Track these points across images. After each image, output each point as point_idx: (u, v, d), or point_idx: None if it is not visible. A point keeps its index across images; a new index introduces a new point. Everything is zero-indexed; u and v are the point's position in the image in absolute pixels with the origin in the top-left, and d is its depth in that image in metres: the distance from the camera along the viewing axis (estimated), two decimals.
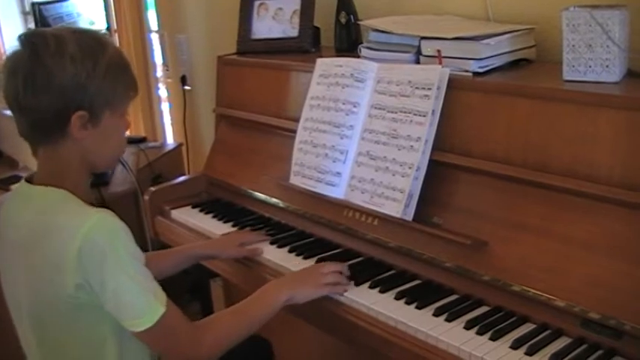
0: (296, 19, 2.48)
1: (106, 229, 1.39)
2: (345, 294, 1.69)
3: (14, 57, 1.43)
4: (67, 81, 1.40)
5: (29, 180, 1.53)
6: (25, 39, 1.43)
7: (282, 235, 2.08)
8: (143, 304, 1.41)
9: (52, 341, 1.50)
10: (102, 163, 1.57)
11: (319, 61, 2.08)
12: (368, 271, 1.78)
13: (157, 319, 1.40)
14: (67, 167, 1.48)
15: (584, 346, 1.41)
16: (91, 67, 1.41)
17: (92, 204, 1.49)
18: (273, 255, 1.95)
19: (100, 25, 4.02)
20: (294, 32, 2.48)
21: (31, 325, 1.50)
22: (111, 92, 1.46)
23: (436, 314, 1.57)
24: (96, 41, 1.46)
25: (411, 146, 1.76)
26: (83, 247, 1.36)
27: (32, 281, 1.46)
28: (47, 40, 1.41)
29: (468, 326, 1.51)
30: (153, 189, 2.48)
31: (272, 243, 2.02)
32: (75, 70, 1.40)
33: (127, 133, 1.68)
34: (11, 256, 1.52)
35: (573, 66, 1.63)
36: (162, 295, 1.44)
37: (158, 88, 3.91)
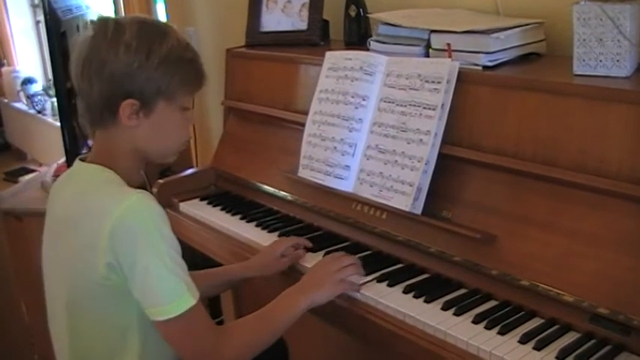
0: (305, 12, 2.47)
1: (141, 210, 1.40)
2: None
3: (80, 42, 1.46)
4: (118, 69, 1.41)
5: (83, 160, 1.55)
6: (91, 25, 1.47)
7: (291, 228, 2.08)
8: (172, 291, 1.39)
9: (80, 323, 1.50)
10: (156, 153, 1.55)
11: (328, 54, 2.08)
12: (376, 265, 1.78)
13: (183, 310, 1.38)
14: (118, 153, 1.50)
15: (592, 342, 1.41)
16: (144, 57, 1.42)
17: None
18: None
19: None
20: (303, 25, 2.48)
21: (63, 302, 1.50)
22: (165, 83, 1.45)
23: (444, 308, 1.57)
24: (157, 31, 1.47)
25: (421, 140, 1.76)
26: (116, 226, 1.36)
27: (68, 259, 1.47)
28: (107, 26, 1.44)
29: (477, 320, 1.51)
30: (161, 181, 2.48)
31: (280, 236, 2.02)
32: (127, 58, 1.41)
33: None
34: (53, 231, 1.54)
35: (584, 60, 1.62)
36: (194, 289, 1.42)
37: None
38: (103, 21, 1.46)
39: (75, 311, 1.50)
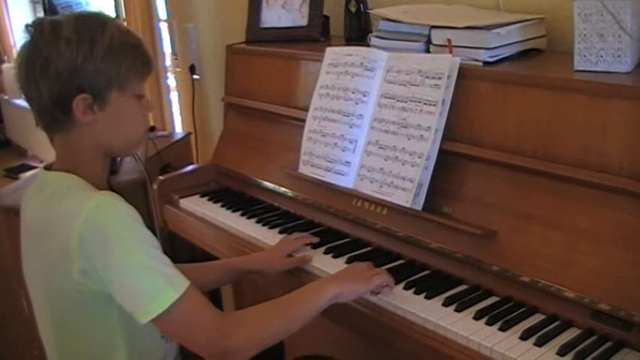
0: (305, 8, 2.47)
1: (106, 211, 1.36)
2: None
3: (20, 49, 1.44)
4: (63, 65, 1.38)
5: (47, 168, 1.52)
6: (25, 28, 1.43)
7: (291, 224, 2.08)
8: (150, 289, 1.34)
9: (65, 329, 1.49)
10: (119, 146, 1.52)
11: (329, 50, 2.07)
12: (377, 261, 1.77)
13: (167, 306, 1.33)
14: (81, 154, 1.47)
15: (593, 338, 1.41)
16: (88, 49, 1.39)
17: (109, 190, 1.48)
18: None
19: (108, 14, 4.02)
20: (303, 21, 2.48)
21: (47, 312, 1.50)
22: (114, 72, 1.42)
23: (445, 304, 1.57)
24: (95, 22, 1.44)
25: (421, 135, 1.75)
26: (83, 231, 1.33)
27: (44, 269, 1.45)
28: (43, 26, 1.41)
29: (478, 316, 1.51)
30: (161, 178, 2.48)
31: (280, 232, 2.03)
32: (70, 53, 1.38)
33: None
34: (27, 243, 1.53)
35: (584, 56, 1.61)
36: (178, 281, 1.36)
37: (167, 78, 3.90)
38: (37, 23, 1.43)
39: (59, 319, 1.48)
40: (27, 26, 1.43)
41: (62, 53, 1.38)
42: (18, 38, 7.39)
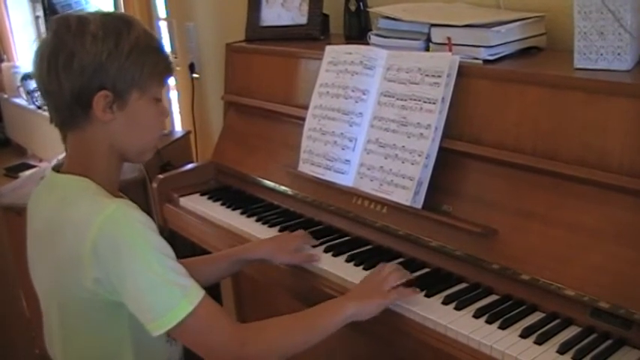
0: (305, 7, 2.47)
1: (121, 220, 1.34)
2: (354, 282, 1.69)
3: (41, 42, 1.42)
4: (88, 60, 1.37)
5: (57, 168, 1.50)
6: (50, 23, 1.43)
7: (291, 222, 2.08)
8: (165, 302, 1.33)
9: (73, 333, 1.47)
10: (132, 150, 1.50)
11: (328, 48, 2.07)
12: (376, 259, 1.77)
13: (182, 317, 1.32)
14: (94, 154, 1.45)
15: (593, 336, 1.41)
16: (113, 46, 1.38)
17: (120, 194, 1.47)
18: None
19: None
20: (303, 19, 2.48)
21: (55, 314, 1.48)
22: (137, 72, 1.41)
23: (445, 302, 1.57)
24: (121, 21, 1.43)
25: (421, 134, 1.75)
26: (98, 240, 1.32)
27: (54, 274, 1.44)
28: (69, 21, 1.40)
29: (478, 315, 1.51)
30: (161, 176, 2.48)
31: (280, 231, 2.03)
32: (95, 48, 1.37)
33: None
34: (36, 246, 1.51)
35: (584, 54, 1.61)
36: (193, 292, 1.36)
37: None
38: (63, 17, 1.42)
39: (67, 323, 1.47)
40: (52, 21, 1.42)
41: (88, 48, 1.37)
42: (17, 38, 7.38)
